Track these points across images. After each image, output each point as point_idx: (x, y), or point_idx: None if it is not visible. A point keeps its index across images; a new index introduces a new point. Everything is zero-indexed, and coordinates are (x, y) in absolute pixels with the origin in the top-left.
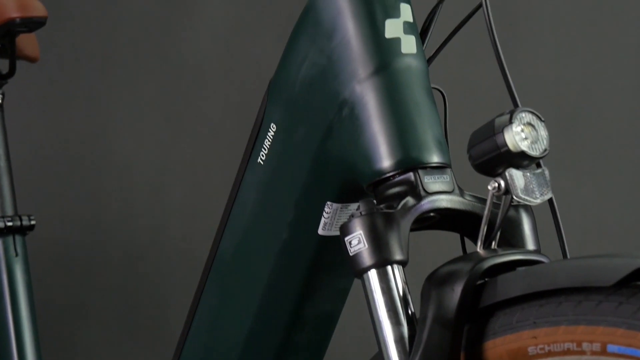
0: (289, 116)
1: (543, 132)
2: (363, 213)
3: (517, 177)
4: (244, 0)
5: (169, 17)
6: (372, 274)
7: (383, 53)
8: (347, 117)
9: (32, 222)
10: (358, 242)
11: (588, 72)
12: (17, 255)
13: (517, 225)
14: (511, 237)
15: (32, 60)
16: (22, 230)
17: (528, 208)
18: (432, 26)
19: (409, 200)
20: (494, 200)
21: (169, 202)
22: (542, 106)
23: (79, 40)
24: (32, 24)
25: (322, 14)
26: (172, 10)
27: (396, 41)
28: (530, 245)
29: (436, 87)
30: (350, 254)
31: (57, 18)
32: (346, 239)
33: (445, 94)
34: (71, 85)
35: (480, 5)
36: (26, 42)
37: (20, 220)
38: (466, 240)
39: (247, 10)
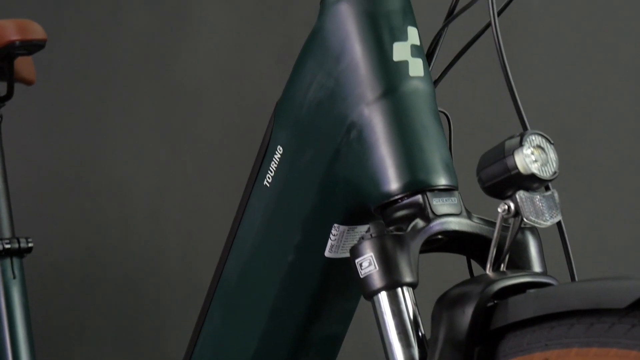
0: (296, 139)
1: (552, 155)
2: (373, 235)
3: (527, 199)
4: (242, 22)
5: (168, 39)
6: (383, 296)
7: (391, 76)
8: (355, 139)
9: (30, 245)
10: (369, 264)
11: (587, 93)
12: (14, 277)
13: (524, 248)
14: (518, 259)
15: (28, 83)
16: (20, 253)
17: (534, 230)
18: (437, 49)
19: (418, 222)
20: (503, 223)
21: (167, 224)
22: (541, 127)
23: (77, 63)
24: (32, 47)
25: (330, 37)
26: (170, 33)
27: (404, 64)
28: (537, 267)
29: (441, 110)
30: (361, 276)
31: (56, 41)
32: (357, 261)
33: (450, 117)
34: (70, 108)
35: (489, 25)
36: (23, 64)
37: (18, 242)
38: (473, 262)
39: (245, 32)
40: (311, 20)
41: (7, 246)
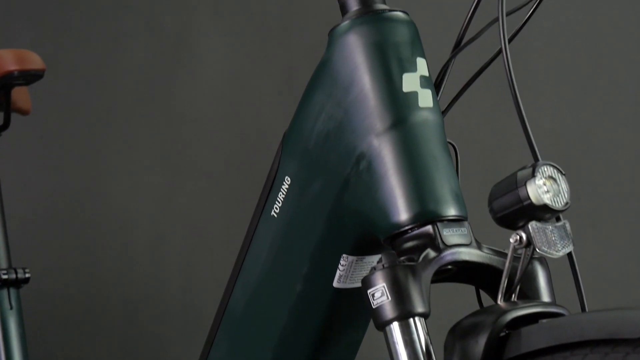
0: (304, 169)
1: (564, 186)
2: (386, 266)
3: (540, 230)
4: (243, 53)
5: (168, 69)
6: (395, 327)
7: (401, 107)
8: (364, 170)
9: (27, 275)
10: (381, 294)
11: (586, 123)
12: (11, 308)
13: (533, 278)
14: (527, 289)
15: (24, 113)
16: (17, 283)
17: (543, 260)
18: (445, 79)
19: (430, 252)
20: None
21: (168, 254)
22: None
23: (76, 93)
24: (30, 77)
25: (339, 68)
26: (170, 63)
27: (413, 95)
28: (546, 297)
29: (449, 140)
30: (373, 307)
31: (55, 71)
32: (369, 291)
33: (457, 148)
34: (69, 138)
35: (498, 53)
36: (19, 94)
37: (15, 273)
38: (481, 292)
39: (246, 63)
40: (312, 51)
41: (4, 277)
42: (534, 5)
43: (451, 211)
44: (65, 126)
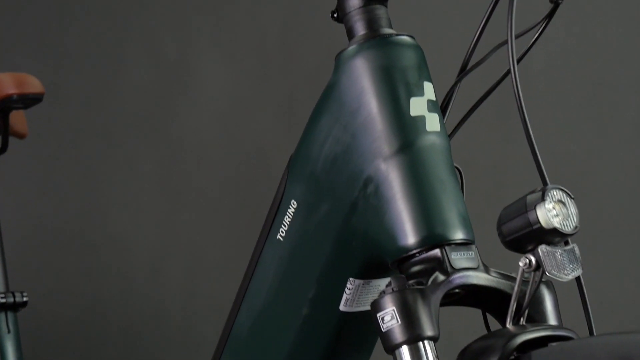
0: (311, 193)
1: (573, 209)
2: (395, 289)
3: (549, 253)
4: (243, 76)
5: (168, 92)
6: (405, 350)
7: (408, 131)
8: (372, 194)
9: (25, 299)
10: (391, 318)
11: (586, 146)
12: (9, 332)
13: (540, 301)
14: (535, 313)
15: (20, 136)
16: (15, 307)
17: (549, 284)
18: (451, 103)
19: (438, 276)
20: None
21: (168, 277)
22: (538, 182)
23: (76, 117)
24: (29, 101)
25: (346, 92)
26: (170, 87)
27: (421, 119)
28: (553, 320)
29: (454, 164)
30: (383, 330)
31: (55, 95)
32: (379, 314)
33: (462, 172)
34: (67, 161)
35: (505, 75)
36: (16, 117)
37: (13, 296)
38: (488, 315)
39: (246, 86)
40: (312, 76)
41: (2, 300)
42: (541, 28)
43: (459, 235)
44: (64, 150)
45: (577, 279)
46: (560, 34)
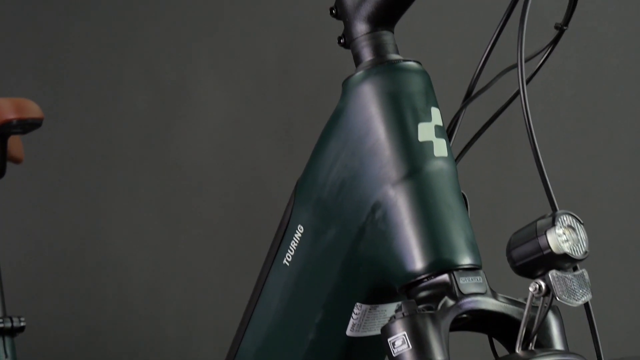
0: (318, 218)
1: (583, 235)
2: (406, 314)
3: (560, 279)
4: (242, 102)
5: (166, 118)
6: None
7: (416, 156)
8: (380, 219)
9: (22, 324)
10: (402, 342)
11: (585, 174)
12: (6, 357)
13: (547, 326)
14: (541, 338)
15: (16, 161)
16: (12, 332)
17: (556, 309)
18: (456, 129)
19: (448, 301)
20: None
21: (165, 302)
22: (539, 208)
23: (75, 142)
24: (28, 126)
25: (354, 118)
26: (169, 111)
27: (429, 145)
28: (560, 345)
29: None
30: (393, 355)
31: (54, 119)
32: (389, 339)
33: (467, 198)
34: (66, 186)
35: (517, 93)
36: (13, 142)
37: (11, 321)
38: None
39: (244, 113)
40: (310, 101)
41: None
42: (546, 54)
43: (467, 260)
44: (63, 174)
45: (586, 304)
46: (557, 57)
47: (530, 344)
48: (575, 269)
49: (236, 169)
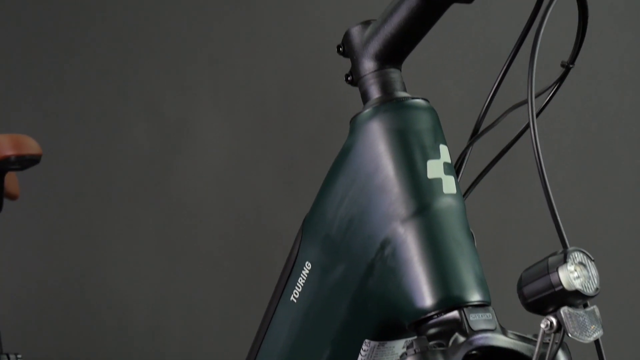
0: (326, 254)
1: (594, 271)
2: (417, 351)
3: (572, 315)
4: (243, 138)
5: (168, 153)
6: None
7: (426, 193)
8: (389, 255)
9: None
10: None
11: (585, 209)
12: None
13: None
14: None
15: (12, 197)
16: None
17: (564, 345)
18: (463, 166)
19: (458, 337)
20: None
21: (166, 337)
22: (539, 243)
23: (75, 177)
24: (26, 162)
25: (362, 155)
26: (171, 147)
27: (438, 182)
28: None
29: None
30: None
31: (54, 155)
32: None
33: (474, 235)
34: (66, 222)
35: (525, 129)
36: (8, 178)
37: (8, 358)
38: None
39: (245, 148)
40: (312, 139)
41: None
42: (552, 91)
43: (476, 296)
44: (62, 210)
45: (597, 340)
46: (559, 94)
47: None
48: (585, 305)
49: (237, 206)
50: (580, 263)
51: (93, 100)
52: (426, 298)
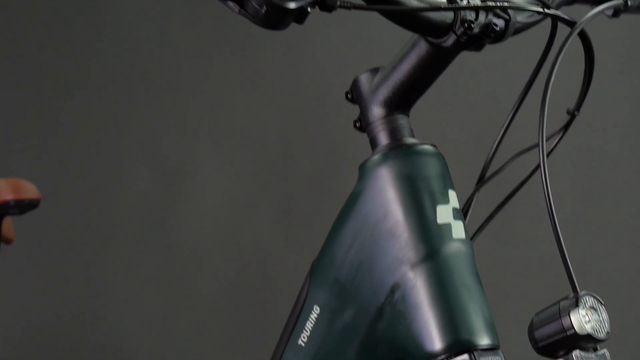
0: (335, 298)
1: (605, 315)
2: None
3: (583, 358)
4: (242, 181)
5: (168, 196)
6: None
7: (435, 239)
8: (399, 300)
9: None
10: None
11: (586, 252)
12: None
13: None
14: None
15: (8, 242)
16: None
17: None
18: (470, 211)
19: None
20: None
21: None
22: (539, 286)
23: (75, 221)
24: (25, 207)
25: (371, 201)
26: (170, 192)
27: (447, 227)
28: None
29: None
30: None
31: (55, 199)
32: None
33: (480, 279)
34: (66, 265)
35: (533, 172)
36: (4, 223)
37: None
38: None
39: (245, 191)
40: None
41: None
42: (558, 138)
43: (486, 340)
44: (62, 254)
45: None
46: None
47: None
48: (596, 349)
49: (237, 248)
50: (592, 307)
51: (92, 144)
52: (436, 342)
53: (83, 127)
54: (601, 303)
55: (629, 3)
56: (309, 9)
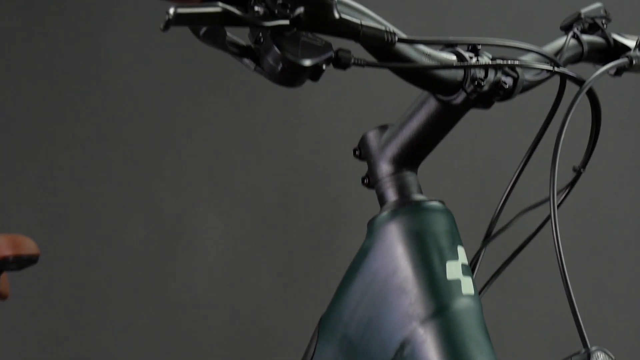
0: (343, 355)
1: None
2: None
3: None
4: (241, 236)
5: (167, 252)
6: None
7: (445, 294)
8: (408, 356)
9: None
10: None
11: (586, 301)
12: None
13: None
14: None
15: (3, 297)
16: None
17: None
18: (477, 267)
19: None
20: None
21: None
22: (539, 339)
23: (74, 276)
24: (24, 262)
25: (381, 257)
26: (168, 246)
27: (456, 283)
28: None
29: None
30: None
31: (54, 254)
32: None
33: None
34: (64, 320)
35: (546, 221)
36: (1, 279)
37: None
38: None
39: (244, 246)
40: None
41: None
42: (564, 195)
43: None
44: (60, 310)
45: None
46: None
47: None
48: None
49: (236, 303)
50: None
51: (91, 200)
52: None
53: (82, 183)
54: (612, 358)
55: (634, 62)
56: (323, 67)
